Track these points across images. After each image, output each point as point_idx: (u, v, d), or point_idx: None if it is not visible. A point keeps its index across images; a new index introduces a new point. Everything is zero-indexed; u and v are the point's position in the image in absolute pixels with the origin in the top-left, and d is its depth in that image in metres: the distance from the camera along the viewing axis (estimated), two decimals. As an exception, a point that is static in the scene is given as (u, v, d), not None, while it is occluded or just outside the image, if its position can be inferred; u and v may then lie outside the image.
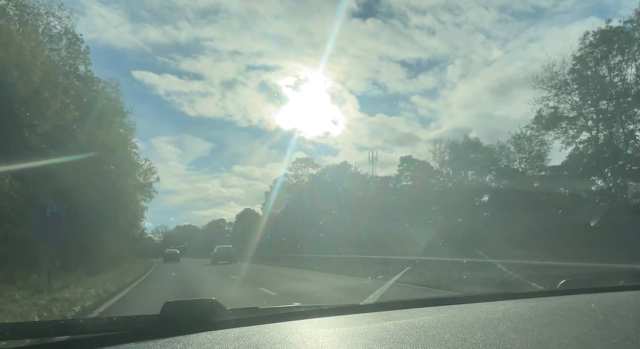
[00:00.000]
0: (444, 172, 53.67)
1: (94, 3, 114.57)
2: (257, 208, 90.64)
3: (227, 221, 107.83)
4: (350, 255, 29.22)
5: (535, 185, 39.37)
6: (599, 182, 33.58)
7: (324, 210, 56.08)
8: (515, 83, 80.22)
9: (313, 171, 71.13)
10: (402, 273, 11.42)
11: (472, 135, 57.15)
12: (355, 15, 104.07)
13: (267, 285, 15.61)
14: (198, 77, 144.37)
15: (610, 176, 32.64)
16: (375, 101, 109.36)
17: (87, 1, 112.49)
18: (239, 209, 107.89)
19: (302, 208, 61.22)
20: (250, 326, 1.43)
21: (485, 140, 51.23)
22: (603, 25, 33.92)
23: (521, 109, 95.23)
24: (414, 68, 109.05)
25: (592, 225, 25.87)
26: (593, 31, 34.01)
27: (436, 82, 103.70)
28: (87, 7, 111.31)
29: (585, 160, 34.84)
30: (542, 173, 42.13)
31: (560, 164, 39.73)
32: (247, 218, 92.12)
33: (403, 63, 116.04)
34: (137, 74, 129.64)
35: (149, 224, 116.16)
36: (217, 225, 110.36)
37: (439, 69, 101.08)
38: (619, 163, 31.98)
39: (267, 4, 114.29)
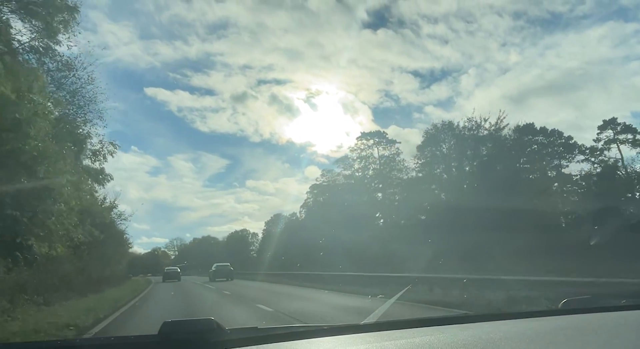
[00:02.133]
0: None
1: (104, 21, 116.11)
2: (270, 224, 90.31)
3: (252, 231, 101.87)
4: (350, 273, 29.05)
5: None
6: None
7: (326, 227, 55.81)
8: (533, 91, 79.37)
9: (385, 151, 61.58)
10: (402, 291, 11.30)
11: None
12: (365, 26, 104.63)
13: (267, 303, 15.46)
14: (209, 92, 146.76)
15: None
16: (388, 113, 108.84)
17: (97, 19, 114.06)
18: (253, 224, 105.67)
19: (308, 227, 60.76)
20: (250, 347, 1.41)
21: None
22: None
23: (539, 117, 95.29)
24: (427, 78, 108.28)
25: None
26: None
27: (450, 92, 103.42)
28: (98, 24, 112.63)
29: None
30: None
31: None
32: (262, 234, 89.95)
33: (416, 73, 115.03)
34: (150, 91, 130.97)
35: (162, 240, 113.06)
36: (240, 236, 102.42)
37: (452, 79, 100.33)
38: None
39: (276, 18, 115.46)
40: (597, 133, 43.35)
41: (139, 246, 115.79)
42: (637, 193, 36.76)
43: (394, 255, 37.30)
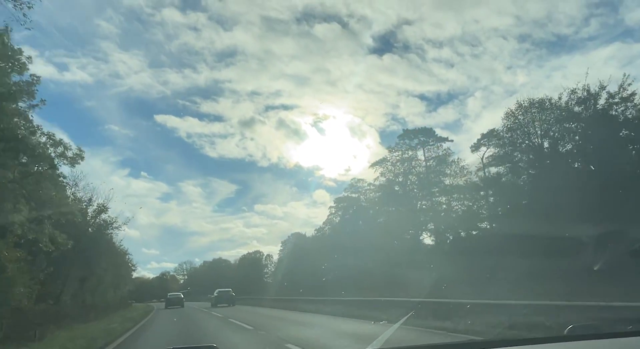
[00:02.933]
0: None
1: (115, 50, 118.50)
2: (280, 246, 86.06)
3: (265, 253, 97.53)
4: (352, 298, 28.80)
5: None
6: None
7: (344, 248, 55.19)
8: None
9: (431, 153, 53.42)
10: (406, 317, 11.16)
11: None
12: (371, 51, 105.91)
13: (268, 329, 15.27)
14: (218, 118, 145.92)
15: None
16: (395, 136, 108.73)
17: (108, 49, 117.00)
18: (263, 249, 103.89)
19: (316, 252, 59.82)
20: None
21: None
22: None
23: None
24: (433, 101, 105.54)
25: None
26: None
27: (457, 115, 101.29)
28: (109, 54, 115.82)
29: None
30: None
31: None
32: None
33: (422, 96, 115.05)
34: (159, 118, 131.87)
35: (172, 265, 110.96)
36: (253, 259, 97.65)
37: (459, 102, 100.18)
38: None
39: (282, 45, 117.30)
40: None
41: (149, 272, 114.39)
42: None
43: (407, 277, 36.80)
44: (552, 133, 37.33)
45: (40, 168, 19.26)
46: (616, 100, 32.55)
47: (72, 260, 24.86)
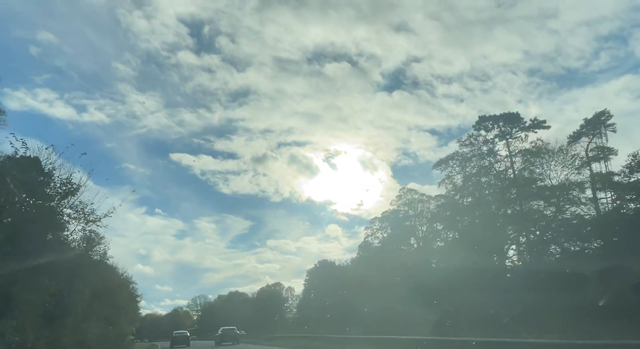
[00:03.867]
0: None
1: (132, 92, 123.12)
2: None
3: (285, 286, 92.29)
4: (358, 336, 27.99)
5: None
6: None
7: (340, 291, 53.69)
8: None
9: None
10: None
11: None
12: (381, 88, 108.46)
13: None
14: (232, 156, 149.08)
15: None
16: (407, 170, 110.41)
17: (126, 90, 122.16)
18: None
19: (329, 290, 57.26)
20: None
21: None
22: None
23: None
24: (444, 136, 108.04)
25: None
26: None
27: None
28: (126, 95, 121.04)
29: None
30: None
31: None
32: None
33: (433, 131, 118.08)
34: (175, 156, 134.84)
35: (185, 302, 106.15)
36: (272, 291, 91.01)
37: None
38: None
39: (294, 84, 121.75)
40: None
41: (162, 309, 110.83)
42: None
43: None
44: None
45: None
46: None
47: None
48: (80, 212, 20.29)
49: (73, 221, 20.66)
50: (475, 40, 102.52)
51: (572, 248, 35.91)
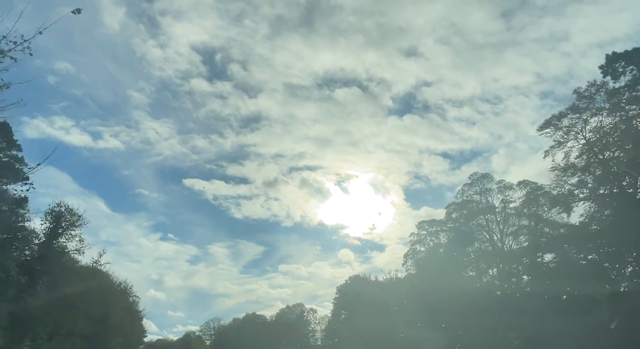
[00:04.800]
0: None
1: (146, 119, 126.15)
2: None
3: (308, 307, 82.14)
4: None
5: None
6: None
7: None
8: None
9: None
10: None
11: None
12: (391, 112, 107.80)
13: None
14: (244, 180, 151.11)
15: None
16: (419, 194, 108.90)
17: (140, 117, 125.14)
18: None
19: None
20: None
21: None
22: None
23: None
24: (456, 159, 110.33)
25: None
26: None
27: (482, 172, 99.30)
28: (141, 122, 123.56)
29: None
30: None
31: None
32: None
33: (445, 155, 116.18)
34: (188, 182, 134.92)
35: (196, 328, 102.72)
36: (294, 313, 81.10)
37: (483, 159, 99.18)
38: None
39: (305, 109, 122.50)
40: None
41: (174, 335, 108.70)
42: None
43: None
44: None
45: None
46: None
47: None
48: None
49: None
50: (485, 64, 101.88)
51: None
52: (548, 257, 35.96)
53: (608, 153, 30.34)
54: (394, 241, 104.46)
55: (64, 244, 27.72)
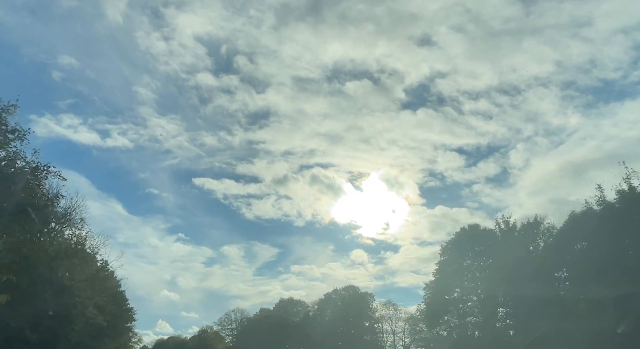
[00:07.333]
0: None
1: (153, 115, 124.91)
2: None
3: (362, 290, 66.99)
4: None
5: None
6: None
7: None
8: (591, 164, 74.48)
9: None
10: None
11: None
12: (404, 106, 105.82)
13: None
14: (254, 179, 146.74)
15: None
16: (434, 192, 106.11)
17: (147, 114, 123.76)
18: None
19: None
20: None
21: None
22: None
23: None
24: (472, 155, 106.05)
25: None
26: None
27: (499, 168, 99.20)
28: (148, 119, 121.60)
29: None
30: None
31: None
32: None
33: (460, 150, 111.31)
34: (197, 181, 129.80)
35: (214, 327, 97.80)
36: (347, 296, 65.57)
37: (500, 155, 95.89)
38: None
39: (314, 105, 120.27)
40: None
41: (188, 336, 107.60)
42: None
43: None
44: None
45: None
46: None
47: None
48: None
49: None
50: (503, 53, 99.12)
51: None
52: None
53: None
54: (408, 242, 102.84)
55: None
